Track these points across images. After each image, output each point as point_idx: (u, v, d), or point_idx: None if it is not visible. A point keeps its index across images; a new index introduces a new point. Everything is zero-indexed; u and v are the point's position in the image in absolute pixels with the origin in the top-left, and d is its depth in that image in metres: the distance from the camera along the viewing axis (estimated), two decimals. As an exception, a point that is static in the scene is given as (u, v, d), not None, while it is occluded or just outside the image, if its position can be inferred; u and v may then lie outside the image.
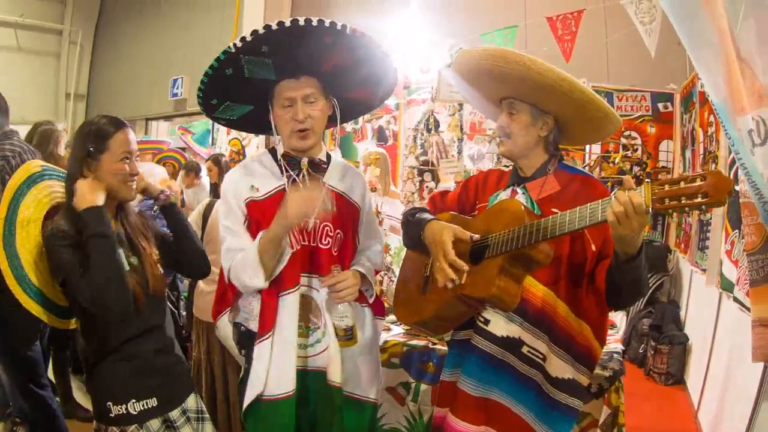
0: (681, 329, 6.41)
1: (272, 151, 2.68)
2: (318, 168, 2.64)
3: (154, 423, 2.45)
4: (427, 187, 5.76)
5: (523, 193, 2.46)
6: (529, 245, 2.08)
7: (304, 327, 2.56)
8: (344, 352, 2.59)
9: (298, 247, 2.53)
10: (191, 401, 2.65)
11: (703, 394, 5.08)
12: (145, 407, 2.43)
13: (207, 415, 2.71)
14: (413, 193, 5.75)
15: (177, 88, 12.23)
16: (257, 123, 2.71)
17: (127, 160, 2.46)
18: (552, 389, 2.34)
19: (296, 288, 2.52)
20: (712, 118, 5.33)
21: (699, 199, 1.70)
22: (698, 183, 1.70)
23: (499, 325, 2.37)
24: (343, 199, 2.68)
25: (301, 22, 2.26)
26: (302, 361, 2.56)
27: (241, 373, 2.65)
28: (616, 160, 7.49)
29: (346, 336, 2.57)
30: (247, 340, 2.57)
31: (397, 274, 4.44)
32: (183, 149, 10.23)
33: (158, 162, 8.24)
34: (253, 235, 2.49)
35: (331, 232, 2.60)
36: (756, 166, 3.18)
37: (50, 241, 2.33)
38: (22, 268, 2.43)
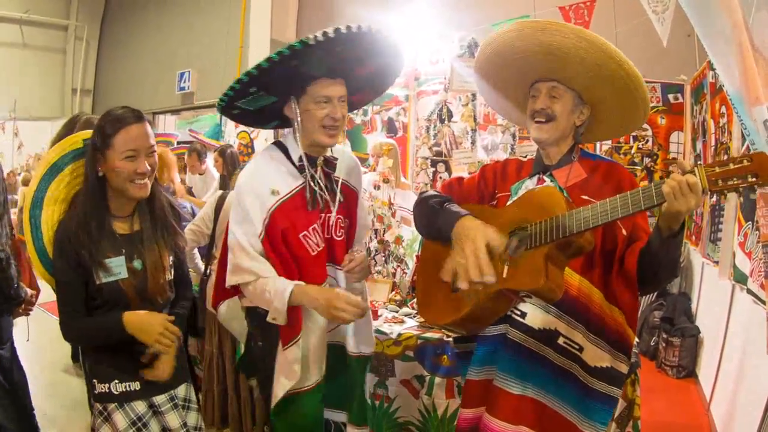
0: (692, 321, 6.38)
1: (280, 147, 2.70)
2: (331, 165, 2.70)
3: (139, 405, 2.46)
4: (440, 178, 5.75)
5: (552, 181, 2.42)
6: (579, 233, 2.04)
7: None
8: (358, 324, 2.75)
9: (323, 245, 2.63)
10: (181, 390, 2.63)
11: (715, 386, 5.06)
12: (127, 389, 2.44)
13: (195, 405, 2.69)
14: (426, 184, 5.74)
15: (184, 81, 12.22)
16: (265, 116, 2.76)
17: (133, 159, 2.35)
18: (590, 378, 2.28)
19: (325, 283, 2.62)
20: (723, 109, 5.30)
21: (750, 179, 1.78)
22: (746, 163, 1.77)
23: (537, 317, 2.31)
24: (348, 189, 2.80)
25: (372, 32, 2.42)
26: (327, 337, 2.72)
27: (242, 350, 2.88)
28: (632, 150, 7.47)
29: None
30: (262, 319, 2.59)
31: (411, 266, 4.45)
32: (191, 143, 10.22)
33: (166, 156, 8.23)
34: (278, 240, 2.54)
35: (342, 223, 2.73)
36: (772, 157, 3.16)
37: (54, 240, 2.41)
38: (43, 244, 2.45)
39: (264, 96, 2.60)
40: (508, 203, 2.45)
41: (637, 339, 3.56)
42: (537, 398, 2.31)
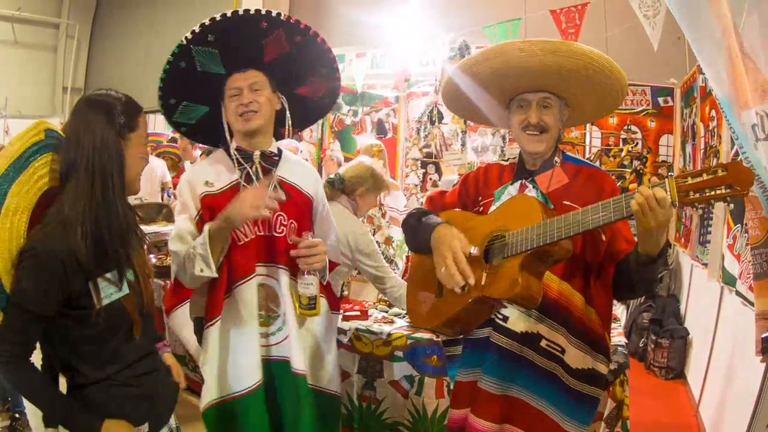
0: (681, 323, 6.42)
1: (226, 148, 2.74)
2: (270, 160, 2.72)
3: None
4: (430, 179, 5.77)
5: (534, 187, 2.43)
6: (552, 243, 2.07)
7: (264, 315, 2.63)
8: (304, 344, 2.70)
9: (252, 237, 2.61)
10: (172, 419, 2.38)
11: (704, 388, 5.08)
12: None
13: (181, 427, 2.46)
14: (416, 186, 5.75)
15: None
16: (215, 131, 2.75)
17: (143, 158, 2.13)
18: (571, 380, 2.33)
19: (251, 277, 2.59)
20: (713, 113, 5.33)
21: (723, 191, 1.72)
22: (720, 174, 1.72)
23: (519, 321, 2.35)
24: (295, 189, 2.75)
25: (241, 12, 2.47)
26: (265, 350, 2.63)
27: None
28: (622, 153, 7.49)
29: (309, 305, 2.59)
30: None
31: (401, 267, 4.47)
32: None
33: (158, 156, 8.20)
34: None
35: (285, 221, 2.68)
36: (760, 160, 3.18)
37: (25, 259, 1.91)
38: None
39: (192, 107, 2.73)
40: (491, 209, 2.47)
41: (625, 340, 3.57)
42: (520, 397, 2.35)
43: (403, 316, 3.95)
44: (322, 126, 8.95)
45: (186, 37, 2.50)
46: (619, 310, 4.22)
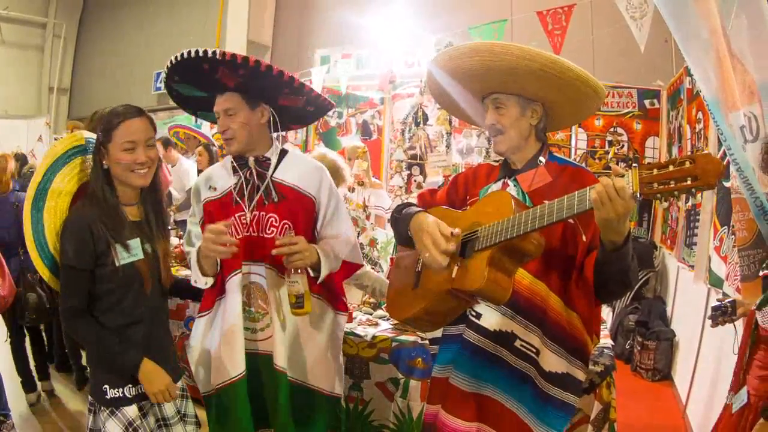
0: (668, 325, 6.41)
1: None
2: (263, 165, 2.87)
3: (145, 403, 2.59)
4: (415, 180, 5.75)
5: (515, 186, 2.43)
6: (519, 236, 2.06)
7: (253, 312, 2.83)
8: (291, 341, 2.84)
9: (240, 237, 2.78)
10: (178, 382, 2.74)
11: (691, 389, 5.08)
12: (140, 391, 2.55)
13: (188, 394, 2.80)
14: (401, 187, 5.73)
15: (160, 81, 12.09)
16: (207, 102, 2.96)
17: (132, 150, 2.49)
18: (546, 384, 2.31)
19: (236, 273, 2.78)
20: (700, 115, 5.34)
21: (689, 182, 1.68)
22: (687, 166, 1.68)
23: (492, 318, 2.34)
24: (292, 191, 2.87)
25: (185, 56, 2.67)
26: (252, 345, 2.82)
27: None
28: (609, 155, 7.51)
29: (297, 303, 2.67)
30: None
31: (385, 269, 4.45)
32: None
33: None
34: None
35: (276, 222, 2.81)
36: (748, 162, 3.18)
37: (65, 227, 2.51)
38: (43, 236, 2.53)
39: (193, 87, 2.91)
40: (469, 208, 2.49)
41: (611, 342, 3.56)
42: (494, 397, 2.35)
43: (388, 318, 3.94)
44: (307, 128, 8.93)
45: (163, 80, 2.85)
46: (605, 312, 4.20)
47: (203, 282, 2.80)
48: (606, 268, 2.14)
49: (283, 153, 2.95)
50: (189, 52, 2.65)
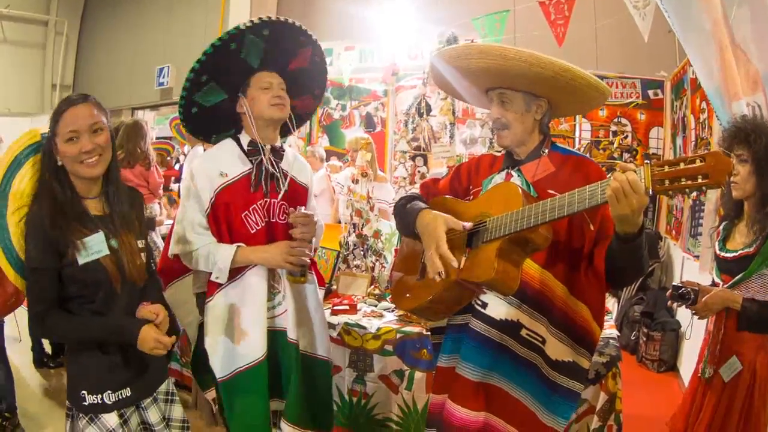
0: (673, 316, 6.40)
1: (235, 140, 3.00)
2: (278, 154, 3.01)
3: (126, 410, 2.48)
4: (419, 171, 5.73)
5: (519, 176, 2.43)
6: (528, 229, 2.07)
7: (269, 292, 2.92)
8: (300, 313, 2.98)
9: (263, 225, 2.90)
10: (163, 386, 2.65)
11: (696, 380, 5.06)
12: (120, 398, 2.44)
13: (177, 398, 2.71)
14: (405, 178, 5.72)
15: (163, 77, 12.10)
16: (218, 120, 3.03)
17: (74, 140, 2.34)
18: (552, 372, 2.32)
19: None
20: (704, 105, 5.32)
21: (699, 180, 1.71)
22: (698, 164, 1.71)
23: (498, 308, 2.35)
24: (294, 182, 3.06)
25: (290, 21, 2.87)
26: (269, 322, 2.92)
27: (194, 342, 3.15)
28: (613, 145, 7.49)
29: (301, 273, 2.92)
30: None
31: (390, 260, 4.44)
32: (170, 138, 10.17)
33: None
34: (221, 218, 2.87)
35: (286, 209, 2.96)
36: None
37: (26, 229, 2.37)
38: (9, 241, 2.41)
39: (215, 89, 2.91)
40: (473, 198, 2.51)
41: (617, 333, 3.56)
42: (500, 386, 2.36)
43: (393, 310, 3.93)
44: (311, 120, 8.93)
45: (245, 24, 2.76)
46: (610, 303, 4.19)
47: (224, 278, 2.84)
48: (621, 257, 2.15)
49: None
50: (294, 22, 2.88)
